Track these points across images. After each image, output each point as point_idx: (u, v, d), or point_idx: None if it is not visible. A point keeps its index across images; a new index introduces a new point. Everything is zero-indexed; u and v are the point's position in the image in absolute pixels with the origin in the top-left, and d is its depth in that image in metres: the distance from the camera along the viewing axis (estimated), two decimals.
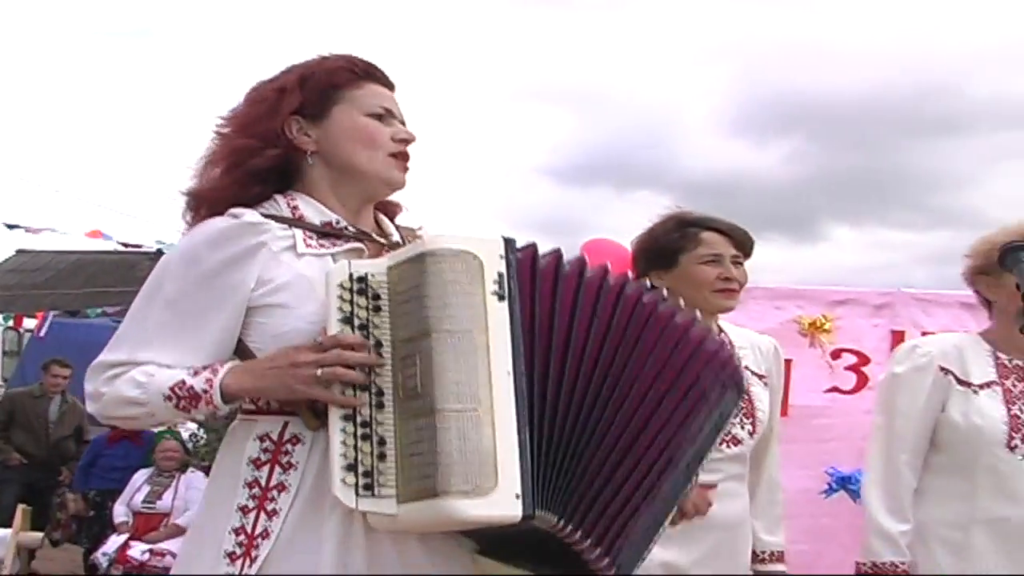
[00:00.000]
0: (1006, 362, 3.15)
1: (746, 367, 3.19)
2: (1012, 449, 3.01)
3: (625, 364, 2.02)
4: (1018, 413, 3.04)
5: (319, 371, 1.92)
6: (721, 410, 2.12)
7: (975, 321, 7.65)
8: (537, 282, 1.97)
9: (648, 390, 2.03)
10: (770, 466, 3.33)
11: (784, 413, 7.29)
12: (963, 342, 3.22)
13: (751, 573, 3.27)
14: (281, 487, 2.00)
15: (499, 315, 1.89)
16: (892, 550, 3.08)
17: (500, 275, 1.92)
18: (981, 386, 3.10)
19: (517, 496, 1.83)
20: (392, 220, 2.32)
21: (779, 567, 3.31)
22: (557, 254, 2.02)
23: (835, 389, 7.28)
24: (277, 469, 2.01)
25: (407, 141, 2.23)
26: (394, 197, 2.32)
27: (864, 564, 3.12)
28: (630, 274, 2.12)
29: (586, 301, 2.01)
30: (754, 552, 3.27)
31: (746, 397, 3.12)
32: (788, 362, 7.49)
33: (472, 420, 1.85)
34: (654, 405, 2.03)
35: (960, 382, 3.11)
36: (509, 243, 1.95)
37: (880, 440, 3.21)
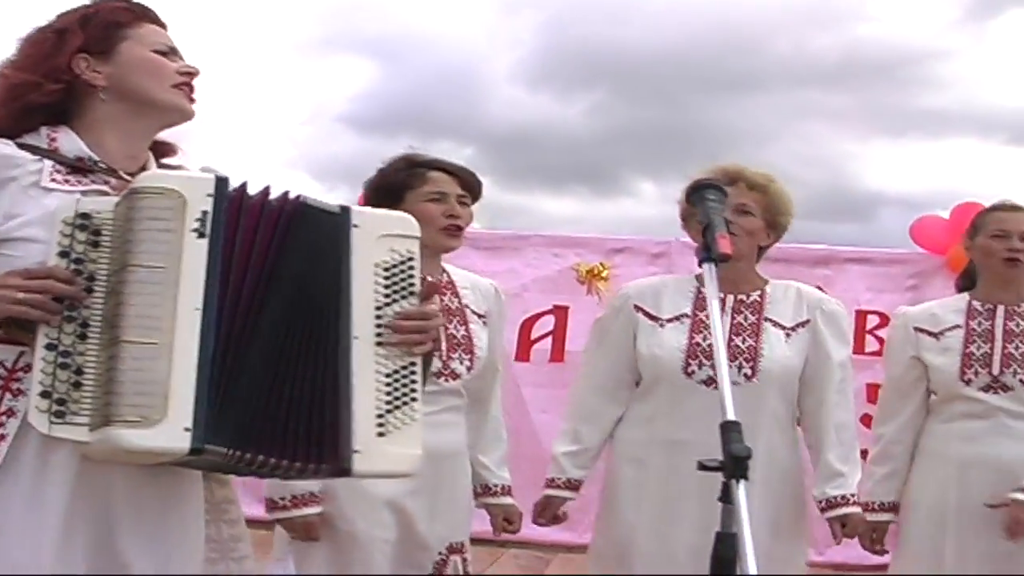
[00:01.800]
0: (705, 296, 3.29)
1: (466, 306, 3.34)
2: (689, 375, 3.21)
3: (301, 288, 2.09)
4: (700, 341, 3.23)
5: (20, 294, 1.96)
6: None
7: None
8: (241, 219, 2.02)
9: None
10: (493, 404, 3.47)
11: (560, 359, 7.53)
12: (668, 282, 3.47)
13: (479, 504, 3.46)
14: (10, 412, 2.04)
15: (197, 252, 1.94)
16: (555, 467, 3.39)
17: (204, 213, 1.96)
18: (669, 320, 3.29)
19: (187, 429, 1.89)
20: (160, 160, 2.35)
21: (508, 499, 3.45)
22: (265, 191, 2.07)
23: None
24: (7, 395, 2.05)
25: (192, 74, 2.30)
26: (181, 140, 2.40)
27: (547, 481, 3.43)
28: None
29: (281, 233, 2.07)
30: (486, 485, 3.42)
31: (464, 332, 3.27)
32: (565, 309, 7.73)
33: (149, 352, 1.89)
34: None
35: (650, 317, 3.31)
36: (220, 182, 2.00)
37: (578, 376, 3.51)
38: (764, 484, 3.16)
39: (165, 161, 2.37)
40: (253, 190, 2.07)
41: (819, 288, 7.64)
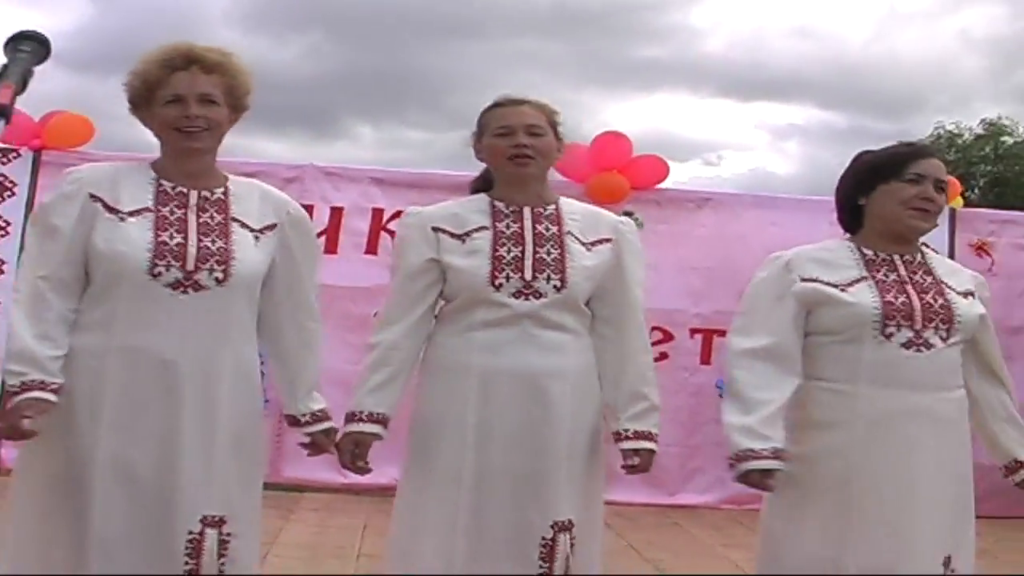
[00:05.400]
0: (168, 189, 3.14)
1: None
2: (155, 276, 3.00)
3: None
4: (167, 240, 3.04)
5: None
6: None
7: (383, 195, 8.05)
8: None
9: None
10: None
11: None
12: (123, 168, 3.19)
13: None
14: None
15: None
16: (46, 371, 2.97)
17: None
18: (131, 213, 3.07)
19: None
20: None
21: None
22: None
23: None
24: None
25: None
26: None
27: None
28: None
29: None
30: None
31: None
32: None
33: None
34: None
35: (109, 209, 3.06)
36: None
37: (24, 264, 3.12)
38: (232, 394, 3.09)
39: None
40: None
41: None
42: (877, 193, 3.22)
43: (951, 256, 8.03)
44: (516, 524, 3.18)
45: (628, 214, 7.81)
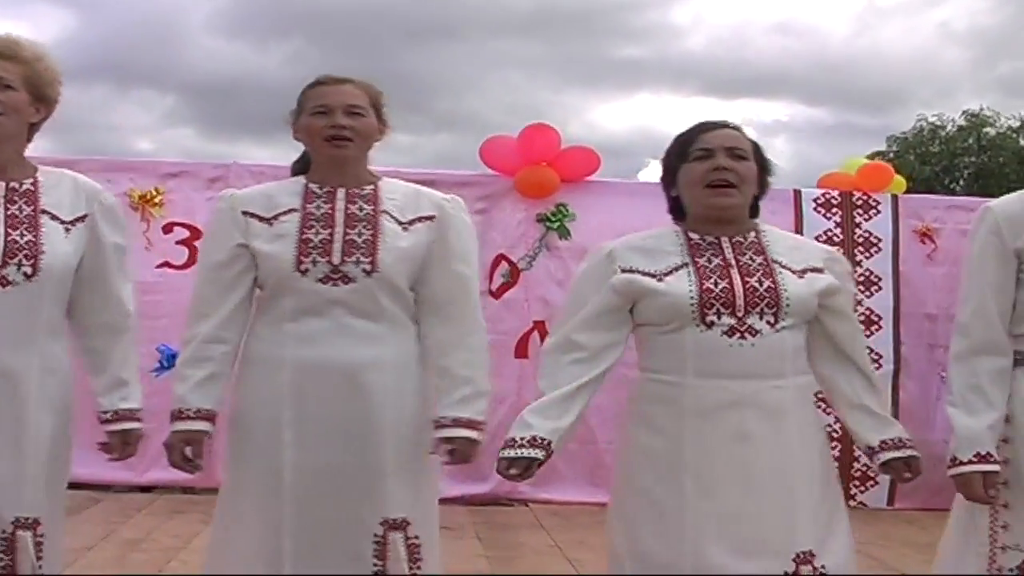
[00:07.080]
0: None
1: None
2: None
3: None
4: None
5: None
6: None
7: None
8: None
9: None
10: None
11: None
12: None
13: None
14: None
15: None
16: None
17: None
18: None
19: None
20: None
21: None
22: None
23: (167, 264, 7.51)
24: None
25: None
26: None
27: None
28: None
29: None
30: None
31: None
32: None
33: None
34: None
35: None
36: None
37: None
38: (40, 394, 3.02)
39: None
40: None
41: None
42: (679, 180, 3.13)
43: (895, 244, 8.08)
44: (346, 522, 3.10)
45: (562, 206, 7.80)
